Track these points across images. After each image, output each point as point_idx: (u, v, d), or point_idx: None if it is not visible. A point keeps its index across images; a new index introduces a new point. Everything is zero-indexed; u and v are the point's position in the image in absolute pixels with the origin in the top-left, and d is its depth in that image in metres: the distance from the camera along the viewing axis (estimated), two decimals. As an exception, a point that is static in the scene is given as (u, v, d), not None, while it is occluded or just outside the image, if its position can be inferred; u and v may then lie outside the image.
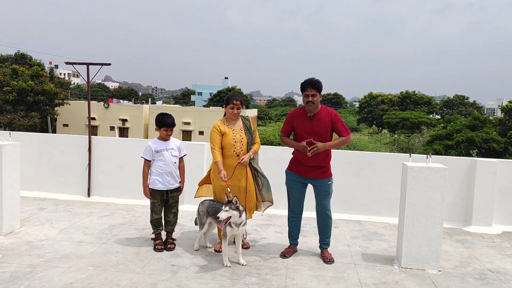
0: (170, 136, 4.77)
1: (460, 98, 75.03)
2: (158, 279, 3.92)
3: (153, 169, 4.70)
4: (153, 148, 4.68)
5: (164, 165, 4.66)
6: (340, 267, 4.39)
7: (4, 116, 32.01)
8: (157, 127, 4.76)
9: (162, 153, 4.67)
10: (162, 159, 4.66)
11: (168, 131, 4.71)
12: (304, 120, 4.38)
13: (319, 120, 4.32)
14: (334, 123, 4.30)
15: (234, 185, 4.55)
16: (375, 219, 6.19)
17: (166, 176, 4.67)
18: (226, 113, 4.67)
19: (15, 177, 5.12)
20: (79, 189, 6.82)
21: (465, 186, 6.18)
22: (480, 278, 4.27)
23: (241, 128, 4.64)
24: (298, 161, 4.47)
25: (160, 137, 4.77)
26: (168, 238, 4.80)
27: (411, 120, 49.18)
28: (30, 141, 6.93)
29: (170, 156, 4.69)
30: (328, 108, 4.41)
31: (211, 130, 4.62)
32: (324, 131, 4.30)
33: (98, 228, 5.30)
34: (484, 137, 28.69)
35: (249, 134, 4.65)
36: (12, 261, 4.19)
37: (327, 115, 4.32)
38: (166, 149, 4.69)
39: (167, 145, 4.73)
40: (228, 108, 4.61)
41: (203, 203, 4.63)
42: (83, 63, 6.56)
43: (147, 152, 4.70)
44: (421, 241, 4.41)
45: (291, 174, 4.58)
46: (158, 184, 4.67)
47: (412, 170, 4.38)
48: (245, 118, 4.73)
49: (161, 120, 4.71)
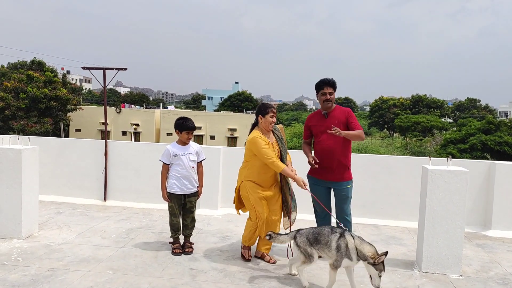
0: (190, 139, 4.76)
1: (472, 101, 74.21)
2: (177, 283, 3.91)
3: (171, 173, 4.69)
4: (171, 152, 4.66)
5: (182, 169, 4.65)
6: (360, 271, 4.32)
7: (18, 122, 32.44)
8: (177, 131, 4.72)
9: (180, 157, 4.65)
10: (180, 164, 4.64)
11: (190, 135, 4.69)
12: (319, 119, 4.47)
13: (333, 117, 4.38)
14: (348, 119, 4.35)
15: (274, 197, 4.42)
16: (393, 223, 6.12)
17: (183, 181, 4.66)
18: (263, 124, 4.33)
19: (34, 181, 5.17)
20: (96, 193, 6.86)
21: (484, 189, 6.09)
22: (503, 283, 4.19)
23: (275, 139, 4.42)
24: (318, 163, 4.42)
25: (180, 141, 4.75)
26: (186, 242, 4.79)
27: (423, 123, 48.77)
28: (48, 145, 6.99)
29: (188, 160, 4.66)
30: (342, 107, 4.48)
31: (256, 143, 4.22)
32: (339, 127, 4.29)
33: (115, 232, 5.32)
34: (497, 140, 28.33)
35: (283, 145, 4.42)
36: (32, 265, 4.22)
37: (342, 112, 4.40)
38: (184, 154, 4.66)
39: (185, 149, 4.70)
40: (267, 117, 4.28)
41: (300, 234, 4.00)
42: (100, 68, 6.63)
43: (165, 155, 4.69)
44: (442, 245, 4.35)
45: (312, 179, 4.57)
46: (175, 188, 4.65)
47: (432, 173, 4.32)
48: (275, 129, 4.48)
49: (182, 124, 4.68)
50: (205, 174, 6.41)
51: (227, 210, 6.46)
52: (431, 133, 47.15)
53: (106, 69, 6.60)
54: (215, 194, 6.47)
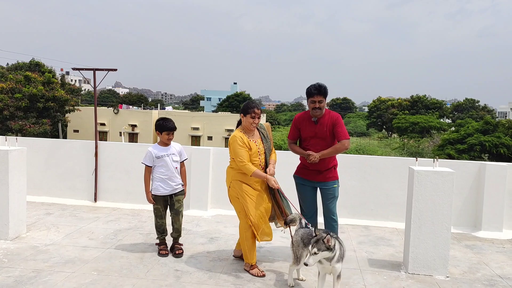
0: (171, 140, 4.70)
1: (471, 101, 74.30)
2: (161, 284, 3.90)
3: (155, 175, 4.62)
4: (154, 154, 4.59)
5: (166, 171, 4.59)
6: (346, 273, 4.32)
7: (16, 122, 32.42)
8: (157, 132, 4.65)
9: (163, 158, 4.58)
10: (163, 165, 4.58)
11: (170, 135, 4.63)
12: (309, 125, 4.41)
13: (322, 124, 4.34)
14: (334, 125, 4.29)
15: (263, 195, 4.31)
16: (383, 224, 6.11)
17: (168, 181, 4.61)
18: (245, 124, 4.27)
19: (21, 182, 5.15)
20: (86, 194, 6.85)
21: (474, 190, 6.08)
22: (489, 284, 4.18)
23: (260, 137, 4.37)
24: (304, 165, 4.49)
25: (161, 142, 4.68)
26: (175, 244, 4.75)
27: (421, 124, 48.79)
28: (38, 146, 6.98)
29: (171, 161, 4.61)
30: (332, 112, 4.41)
31: (233, 143, 4.19)
32: (328, 134, 4.30)
33: (103, 233, 5.31)
34: (495, 141, 28.31)
35: (267, 143, 4.38)
36: (17, 266, 4.21)
37: (330, 118, 4.34)
38: (167, 155, 4.61)
39: (168, 150, 4.65)
40: (248, 117, 4.22)
41: (297, 232, 3.93)
42: (90, 68, 6.61)
43: (148, 158, 4.61)
44: (429, 246, 4.33)
45: (299, 178, 4.56)
46: (160, 190, 4.60)
47: (418, 174, 4.31)
48: (260, 127, 4.44)
49: (162, 125, 4.61)
50: (196, 175, 6.42)
51: (216, 211, 6.45)
52: (429, 133, 47.15)
53: (96, 70, 6.59)
54: (205, 195, 6.45)
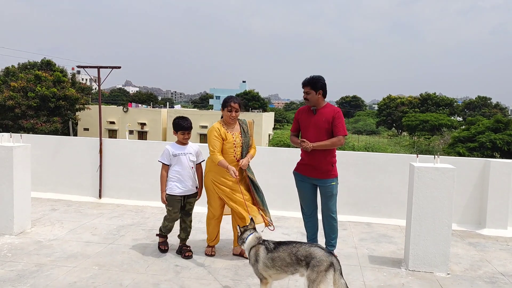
0: (188, 140, 4.60)
1: (483, 99, 73.34)
2: (160, 279, 3.93)
3: (170, 174, 4.51)
4: (171, 152, 4.50)
5: (182, 170, 4.48)
6: (346, 269, 4.31)
7: (27, 121, 32.87)
8: (174, 131, 4.59)
9: (179, 157, 4.49)
10: (179, 164, 4.49)
11: (185, 135, 4.54)
12: (307, 115, 4.49)
13: (321, 114, 4.38)
14: (334, 119, 4.32)
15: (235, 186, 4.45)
16: (385, 221, 6.08)
17: (184, 182, 4.50)
18: (224, 117, 4.48)
19: (26, 178, 5.23)
20: (91, 191, 6.93)
21: (479, 187, 6.02)
22: (491, 281, 4.14)
23: (240, 132, 4.50)
24: (302, 159, 4.53)
25: (178, 141, 4.60)
26: (183, 246, 4.62)
27: (431, 122, 48.34)
28: (44, 143, 7.08)
29: (187, 160, 4.51)
30: (334, 106, 4.46)
31: (209, 133, 4.41)
32: (324, 125, 4.31)
33: (106, 229, 5.37)
34: (506, 139, 27.94)
35: (245, 138, 4.51)
36: (21, 260, 4.28)
37: (331, 111, 4.37)
38: (184, 154, 4.51)
39: (184, 149, 4.54)
40: (225, 111, 4.42)
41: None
42: (94, 66, 6.68)
43: (165, 156, 4.51)
44: (429, 243, 4.31)
45: (298, 175, 4.59)
46: (176, 190, 4.48)
47: (419, 170, 4.29)
48: (243, 122, 4.59)
49: (177, 124, 4.53)
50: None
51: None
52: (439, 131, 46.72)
53: (100, 68, 6.65)
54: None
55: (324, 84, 4.37)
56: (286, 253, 3.28)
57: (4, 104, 32.20)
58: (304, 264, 3.18)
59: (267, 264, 3.31)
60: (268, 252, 3.34)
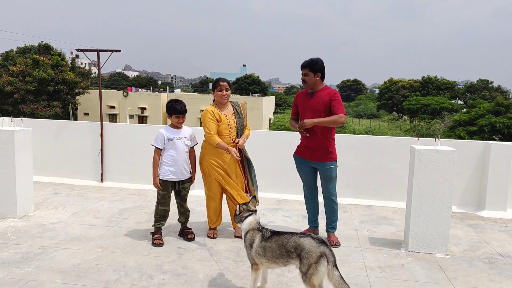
0: (182, 123, 4.54)
1: (484, 82, 72.95)
2: (163, 261, 3.99)
3: (164, 159, 4.43)
4: (165, 136, 4.41)
5: (177, 154, 4.42)
6: (346, 250, 4.38)
7: (27, 106, 32.79)
8: (168, 115, 4.54)
9: (174, 141, 4.42)
10: (174, 148, 4.42)
11: (180, 118, 4.47)
12: (305, 98, 4.53)
13: (318, 97, 4.40)
14: (332, 100, 4.33)
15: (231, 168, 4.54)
16: (386, 203, 6.13)
17: (179, 166, 4.44)
18: (216, 98, 4.54)
19: (27, 162, 5.25)
20: (93, 175, 6.96)
21: (479, 170, 6.04)
22: (489, 262, 4.20)
23: (233, 113, 4.57)
24: (301, 142, 4.57)
25: (172, 125, 4.55)
26: (184, 229, 4.65)
27: (432, 106, 48.19)
28: (46, 128, 7.09)
29: (182, 145, 4.45)
30: (331, 88, 4.50)
31: (204, 116, 4.44)
32: (321, 107, 4.33)
33: (109, 212, 5.41)
34: (506, 122, 27.91)
35: (239, 119, 4.58)
36: (24, 243, 4.33)
37: (328, 93, 4.39)
38: (179, 138, 4.45)
39: (179, 133, 4.49)
40: (216, 91, 4.49)
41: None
42: (94, 50, 6.64)
43: (159, 139, 4.42)
44: (429, 224, 4.35)
45: (298, 158, 4.63)
46: (170, 175, 4.43)
47: (419, 153, 4.30)
48: (235, 104, 4.65)
49: (171, 107, 4.46)
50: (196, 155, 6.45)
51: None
52: (440, 115, 46.61)
53: (100, 51, 6.61)
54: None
55: (322, 67, 4.38)
56: (276, 244, 3.17)
57: (3, 89, 32.07)
58: (295, 256, 3.05)
59: (259, 252, 3.24)
60: (262, 240, 3.25)
